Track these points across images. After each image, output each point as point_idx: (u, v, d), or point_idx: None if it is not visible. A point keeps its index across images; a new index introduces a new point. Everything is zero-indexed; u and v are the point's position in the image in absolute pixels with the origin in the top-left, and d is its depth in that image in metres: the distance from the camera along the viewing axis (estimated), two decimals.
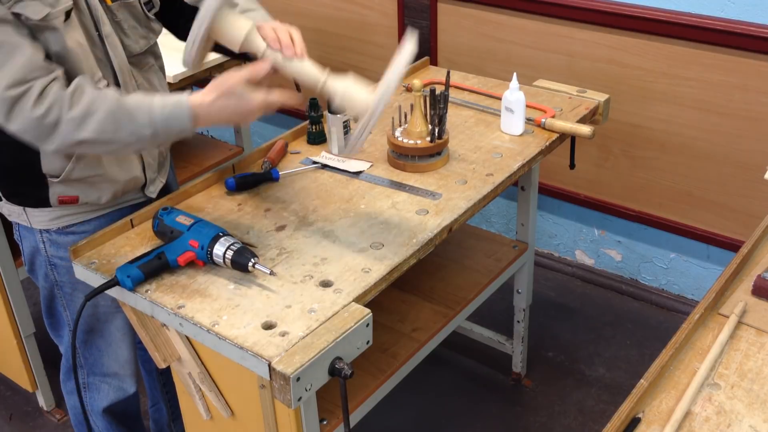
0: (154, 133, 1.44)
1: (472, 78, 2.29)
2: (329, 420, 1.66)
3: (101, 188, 1.65)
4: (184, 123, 1.45)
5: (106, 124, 1.41)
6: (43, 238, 1.69)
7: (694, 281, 2.79)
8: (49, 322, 1.87)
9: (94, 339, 1.82)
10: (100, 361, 1.85)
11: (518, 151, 1.91)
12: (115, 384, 1.89)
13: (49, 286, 1.78)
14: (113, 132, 1.42)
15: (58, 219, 1.66)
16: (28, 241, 1.73)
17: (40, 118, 1.39)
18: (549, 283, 3.02)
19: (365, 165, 1.86)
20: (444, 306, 2.06)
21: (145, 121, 1.43)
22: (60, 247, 1.69)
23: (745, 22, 2.28)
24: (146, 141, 1.46)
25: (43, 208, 1.64)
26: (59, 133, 1.40)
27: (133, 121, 1.43)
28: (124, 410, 1.96)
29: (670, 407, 1.24)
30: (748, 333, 1.38)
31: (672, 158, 2.60)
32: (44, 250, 1.71)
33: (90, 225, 1.69)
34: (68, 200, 1.63)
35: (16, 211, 1.68)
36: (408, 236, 1.61)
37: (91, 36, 1.54)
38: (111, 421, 1.95)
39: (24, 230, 1.72)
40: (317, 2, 3.20)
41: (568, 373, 2.61)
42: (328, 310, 1.41)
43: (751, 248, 1.56)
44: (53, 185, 1.60)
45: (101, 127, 1.41)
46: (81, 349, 1.84)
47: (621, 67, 2.56)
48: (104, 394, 1.90)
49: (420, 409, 2.49)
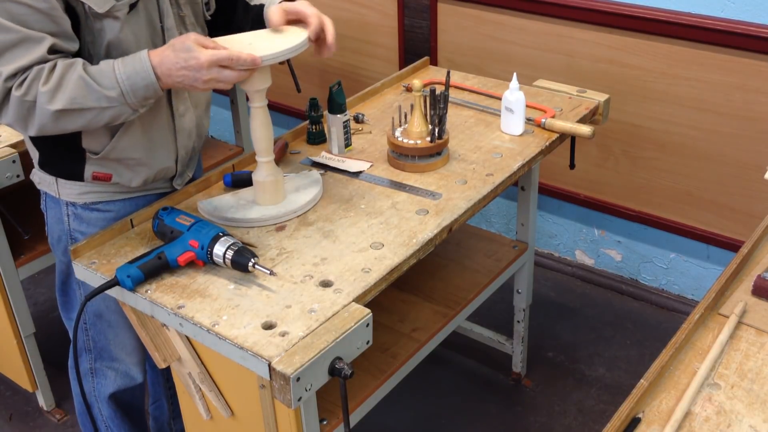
0: (121, 93, 1.46)
1: (472, 78, 2.29)
2: (329, 420, 1.66)
3: (135, 171, 1.68)
4: (147, 76, 1.46)
5: (76, 92, 1.44)
6: (68, 211, 1.72)
7: (694, 281, 2.79)
8: (62, 301, 1.89)
9: (101, 324, 1.83)
10: (108, 346, 1.86)
11: (518, 151, 1.91)
12: (122, 370, 1.90)
13: (67, 261, 1.79)
14: (83, 98, 1.44)
15: (86, 194, 1.69)
16: (53, 212, 1.75)
17: (22, 96, 1.43)
18: (549, 283, 3.02)
19: (365, 165, 1.86)
20: (444, 306, 2.06)
21: (111, 82, 1.46)
22: (83, 222, 1.72)
23: (745, 22, 2.29)
24: (117, 103, 1.46)
25: (75, 181, 1.67)
26: (37, 109, 1.44)
27: (100, 84, 1.45)
28: (130, 401, 1.97)
29: (670, 407, 1.24)
30: (748, 333, 1.38)
31: (672, 158, 2.60)
32: (67, 224, 1.73)
33: (115, 205, 1.72)
34: (102, 177, 1.66)
35: (47, 180, 1.71)
36: (408, 236, 1.61)
37: (154, 27, 1.59)
38: (116, 410, 1.96)
39: (51, 201, 1.74)
40: (317, 2, 3.19)
41: (568, 373, 2.61)
42: (328, 310, 1.41)
43: (751, 248, 1.56)
44: (90, 161, 1.64)
45: (71, 95, 1.44)
46: (90, 332, 1.85)
47: (621, 67, 2.56)
48: (111, 380, 1.91)
49: (420, 409, 2.49)
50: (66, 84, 1.44)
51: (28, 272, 2.36)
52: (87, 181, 1.66)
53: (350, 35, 3.14)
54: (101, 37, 1.51)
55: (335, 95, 1.90)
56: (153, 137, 1.66)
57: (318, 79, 3.32)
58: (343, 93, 1.92)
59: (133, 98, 1.47)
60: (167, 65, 1.46)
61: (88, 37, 1.51)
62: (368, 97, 2.21)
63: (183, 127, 1.71)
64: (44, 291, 3.04)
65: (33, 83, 1.42)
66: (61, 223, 1.74)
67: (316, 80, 3.32)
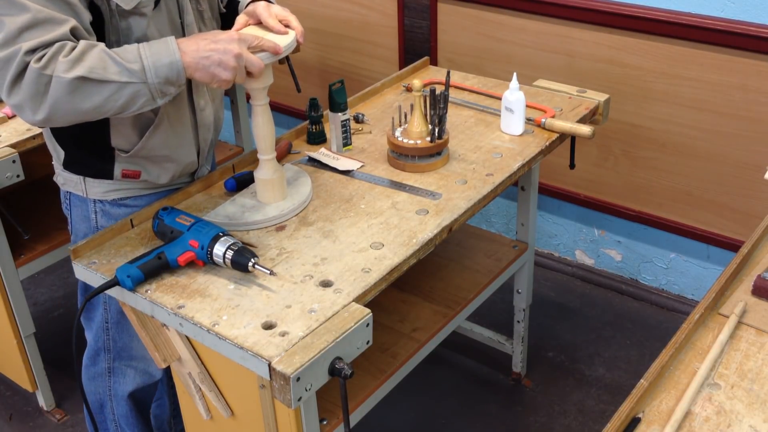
0: (143, 68, 1.42)
1: (472, 78, 2.29)
2: (329, 420, 1.66)
3: (164, 167, 1.69)
4: (172, 54, 1.44)
5: (96, 62, 1.40)
6: (96, 208, 1.72)
7: (694, 281, 2.79)
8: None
9: (125, 321, 1.81)
10: (130, 344, 1.86)
11: (518, 151, 1.91)
12: (141, 368, 1.91)
13: None
14: (103, 69, 1.40)
15: (114, 191, 1.70)
16: (78, 210, 1.75)
17: (41, 68, 1.38)
18: (549, 283, 3.02)
19: (356, 164, 1.86)
20: (444, 306, 2.06)
21: (134, 56, 1.43)
22: (111, 218, 1.73)
23: (745, 22, 2.29)
24: (137, 79, 1.42)
25: (103, 179, 1.68)
26: (54, 79, 1.39)
27: (122, 58, 1.42)
28: (145, 398, 1.99)
29: (670, 407, 1.24)
30: (748, 333, 1.38)
31: (672, 158, 2.60)
32: (95, 221, 1.74)
33: (143, 200, 1.73)
34: (131, 174, 1.67)
35: (73, 180, 1.71)
36: (408, 236, 1.61)
37: (174, 24, 1.59)
38: (132, 408, 1.97)
39: (76, 200, 1.74)
40: (317, 2, 3.20)
41: (568, 373, 2.61)
42: (328, 310, 1.41)
43: (751, 248, 1.56)
44: (120, 159, 1.64)
45: (91, 65, 1.40)
46: (112, 332, 1.85)
47: (621, 67, 2.56)
48: (130, 378, 1.92)
49: (420, 409, 2.49)
50: (87, 56, 1.40)
51: (28, 272, 2.36)
52: (117, 179, 1.68)
53: (350, 35, 3.15)
54: (127, 35, 1.51)
55: (335, 94, 1.90)
56: (178, 133, 1.68)
57: (318, 79, 3.32)
58: (345, 92, 1.92)
59: (154, 77, 1.43)
60: (194, 44, 1.45)
61: (113, 36, 1.51)
62: (368, 97, 2.21)
63: (204, 121, 1.73)
64: (44, 291, 3.04)
65: (54, 56, 1.39)
66: (88, 220, 1.75)
67: (316, 80, 3.32)
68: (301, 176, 1.79)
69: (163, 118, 1.62)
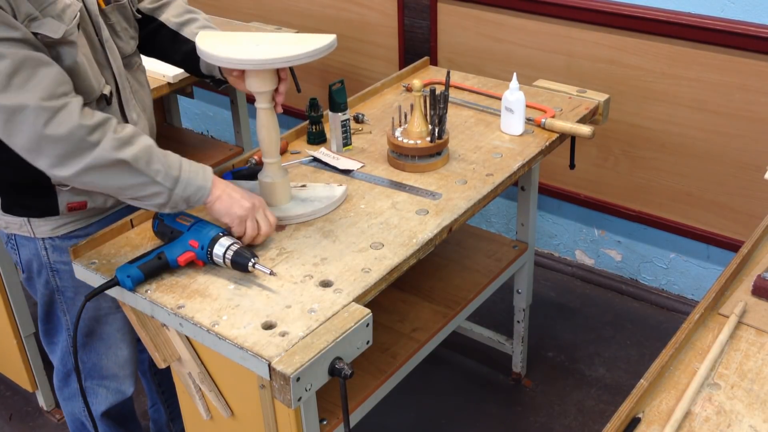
0: (178, 179, 1.47)
1: (472, 78, 2.29)
2: (329, 420, 1.66)
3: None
4: (205, 180, 1.51)
5: (143, 153, 1.44)
6: (45, 245, 1.68)
7: (694, 281, 2.79)
8: (45, 329, 1.84)
9: (93, 342, 1.81)
10: (99, 364, 1.84)
11: (518, 151, 1.91)
12: (113, 387, 1.88)
13: (50, 293, 1.76)
14: (146, 163, 1.44)
15: (63, 226, 1.66)
16: (26, 249, 1.71)
17: (88, 129, 1.39)
18: (549, 283, 3.02)
19: (356, 164, 1.86)
20: (444, 306, 2.06)
21: (176, 163, 1.48)
22: (63, 252, 1.68)
23: (745, 22, 2.29)
24: (167, 187, 1.46)
25: (49, 217, 1.64)
26: (98, 150, 1.40)
27: (166, 158, 1.47)
28: (122, 413, 1.95)
29: (670, 407, 1.24)
30: (748, 333, 1.38)
31: (672, 158, 2.60)
32: (46, 257, 1.70)
33: (92, 228, 1.69)
34: (77, 206, 1.64)
35: (16, 223, 1.66)
36: (408, 236, 1.61)
37: (93, 43, 1.55)
38: (110, 425, 1.95)
39: (22, 240, 1.70)
40: (317, 2, 3.20)
41: (568, 373, 2.61)
42: (328, 310, 1.41)
43: (751, 248, 1.56)
44: (62, 193, 1.61)
45: (139, 154, 1.43)
46: (79, 353, 1.82)
47: (621, 67, 2.56)
48: (102, 398, 1.89)
49: (420, 409, 2.49)
50: (137, 142, 1.44)
51: None
52: (63, 213, 1.64)
53: (350, 35, 3.15)
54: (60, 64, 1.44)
55: (335, 94, 1.90)
56: None
57: (318, 79, 3.32)
58: (345, 92, 1.92)
59: (182, 191, 1.48)
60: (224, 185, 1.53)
61: None
62: (368, 97, 2.21)
63: None
64: None
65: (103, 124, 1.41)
66: (39, 258, 1.71)
67: (316, 80, 3.32)
68: (325, 200, 1.72)
69: None
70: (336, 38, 1.56)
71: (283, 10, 3.31)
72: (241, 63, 1.50)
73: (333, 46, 1.55)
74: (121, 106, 1.63)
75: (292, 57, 1.51)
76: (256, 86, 1.56)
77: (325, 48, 1.54)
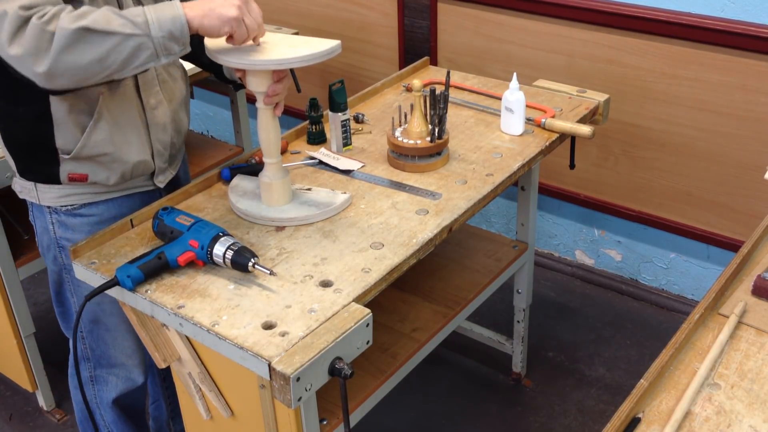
0: (146, 21, 1.43)
1: (472, 78, 2.29)
2: (329, 420, 1.66)
3: (110, 168, 1.67)
4: (175, 9, 1.45)
5: (99, 16, 1.41)
6: (53, 219, 1.71)
7: (694, 281, 2.79)
8: (60, 311, 1.88)
9: (99, 330, 1.83)
10: (107, 352, 1.86)
11: (518, 151, 1.91)
12: (122, 375, 1.90)
13: (58, 270, 1.79)
14: (107, 22, 1.40)
15: (66, 197, 1.69)
16: (39, 221, 1.75)
17: (43, 24, 1.37)
18: (549, 283, 3.02)
19: (356, 164, 1.86)
20: (444, 306, 2.06)
21: (138, 10, 1.44)
22: (68, 228, 1.71)
23: (745, 22, 2.29)
24: (141, 31, 1.42)
25: (52, 184, 1.67)
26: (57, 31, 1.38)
27: (127, 12, 1.43)
28: (132, 403, 1.97)
29: (670, 407, 1.24)
30: (748, 333, 1.38)
31: (672, 158, 2.60)
32: (53, 231, 1.73)
33: (98, 208, 1.71)
34: (78, 178, 1.65)
35: (27, 188, 1.71)
36: (408, 236, 1.61)
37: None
38: (120, 415, 1.96)
39: (36, 210, 1.74)
40: (317, 2, 3.20)
41: (568, 373, 2.61)
42: (328, 310, 1.41)
43: (751, 248, 1.56)
44: (64, 162, 1.63)
45: (96, 17, 1.40)
46: (87, 340, 1.85)
47: (621, 67, 2.56)
48: (112, 385, 1.91)
49: (420, 409, 2.49)
50: (91, 12, 1.41)
51: (28, 272, 2.35)
52: (64, 183, 1.66)
53: (350, 35, 3.15)
54: None
55: (335, 94, 1.90)
56: (124, 131, 1.64)
57: (318, 79, 3.32)
58: (345, 92, 1.92)
59: (158, 30, 1.43)
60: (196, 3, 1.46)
61: None
62: (368, 97, 2.21)
63: (156, 120, 1.70)
64: (44, 291, 3.04)
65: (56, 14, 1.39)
66: (48, 232, 1.74)
67: (316, 80, 3.33)
68: (326, 206, 1.70)
69: (102, 113, 1.59)
70: (340, 44, 1.55)
71: (282, 9, 3.31)
72: (240, 63, 1.50)
73: (336, 51, 1.54)
74: (137, 86, 1.64)
75: (291, 59, 1.51)
76: (255, 86, 1.56)
77: (327, 53, 1.53)
